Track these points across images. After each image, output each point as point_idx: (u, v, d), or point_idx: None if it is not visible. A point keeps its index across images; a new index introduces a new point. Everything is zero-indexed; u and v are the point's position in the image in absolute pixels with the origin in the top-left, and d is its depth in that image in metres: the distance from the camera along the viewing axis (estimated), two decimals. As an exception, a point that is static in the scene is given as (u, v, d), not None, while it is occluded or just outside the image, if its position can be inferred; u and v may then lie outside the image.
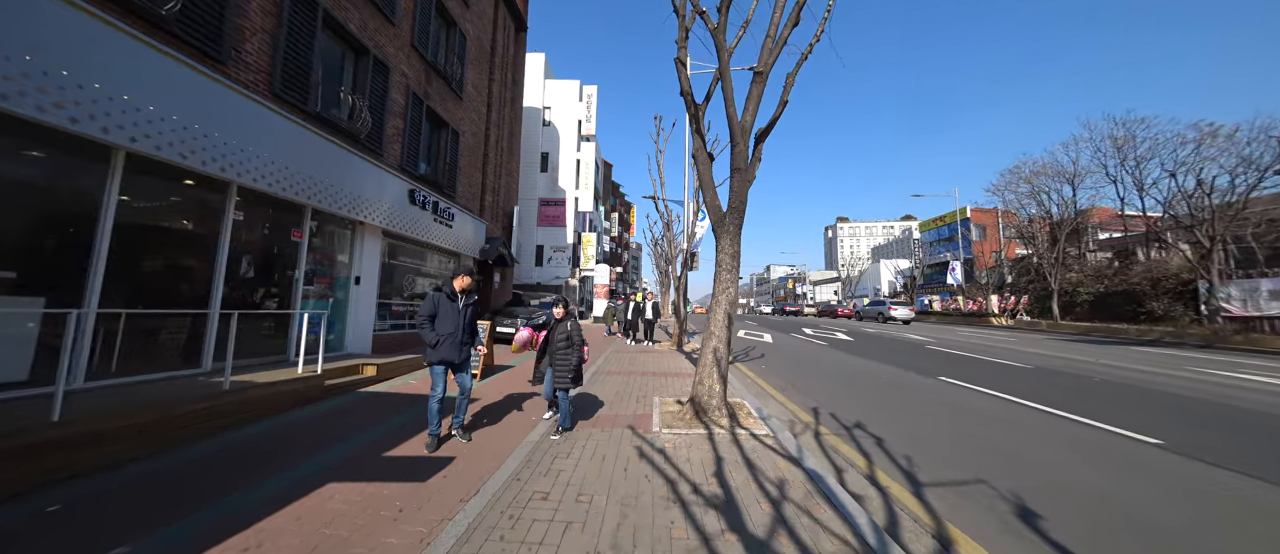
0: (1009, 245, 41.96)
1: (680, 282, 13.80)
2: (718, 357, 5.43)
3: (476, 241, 13.20)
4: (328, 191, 7.05)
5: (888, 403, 6.67)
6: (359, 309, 8.05)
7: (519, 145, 18.46)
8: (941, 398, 6.96)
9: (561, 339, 4.66)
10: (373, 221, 8.20)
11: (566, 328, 4.69)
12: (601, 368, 8.84)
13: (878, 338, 17.29)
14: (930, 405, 6.49)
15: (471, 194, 13.36)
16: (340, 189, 7.34)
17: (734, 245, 5.65)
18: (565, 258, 24.12)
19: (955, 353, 12.43)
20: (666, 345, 13.23)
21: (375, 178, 8.31)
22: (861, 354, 12.15)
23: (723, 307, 5.58)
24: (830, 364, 10.46)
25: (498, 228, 15.67)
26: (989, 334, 20.55)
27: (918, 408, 6.34)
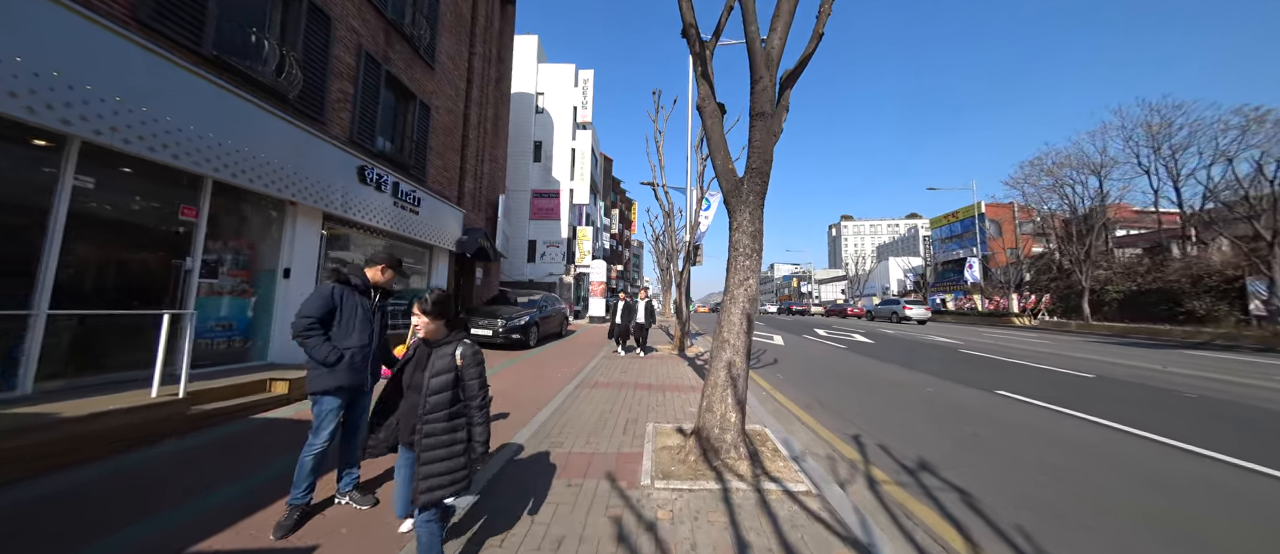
0: (1026, 242, 40.28)
1: (682, 278, 12.30)
2: (733, 374, 3.93)
3: (452, 232, 11.73)
4: (238, 161, 5.58)
5: (947, 428, 5.16)
6: (290, 309, 6.58)
7: (506, 129, 16.99)
8: (1013, 421, 5.44)
9: (435, 390, 2.02)
10: (308, 202, 6.73)
11: (451, 360, 2.09)
12: (587, 378, 7.36)
13: (899, 340, 15.73)
14: (1007, 432, 4.96)
15: (447, 179, 11.89)
16: (258, 159, 5.87)
17: (755, 221, 4.14)
18: (559, 253, 22.65)
19: (994, 358, 10.89)
20: (667, 349, 11.73)
21: (313, 150, 6.84)
22: (887, 359, 10.62)
23: (740, 304, 4.07)
24: (855, 372, 8.94)
25: (480, 218, 14.19)
26: (1017, 336, 18.95)
27: (994, 437, 4.81)
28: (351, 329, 2.83)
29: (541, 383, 6.98)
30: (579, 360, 9.31)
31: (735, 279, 4.13)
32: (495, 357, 9.36)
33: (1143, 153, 25.24)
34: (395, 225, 8.96)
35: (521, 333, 10.50)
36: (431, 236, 10.54)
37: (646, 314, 10.61)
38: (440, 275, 11.55)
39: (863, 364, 10.01)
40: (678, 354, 10.96)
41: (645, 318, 10.54)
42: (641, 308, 10.60)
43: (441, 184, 11.58)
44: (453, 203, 12.03)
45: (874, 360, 10.54)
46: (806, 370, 9.23)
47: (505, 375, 7.45)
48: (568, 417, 5.14)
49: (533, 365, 8.56)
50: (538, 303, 12.34)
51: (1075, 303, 28.60)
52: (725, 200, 4.39)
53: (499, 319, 10.46)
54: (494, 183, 15.47)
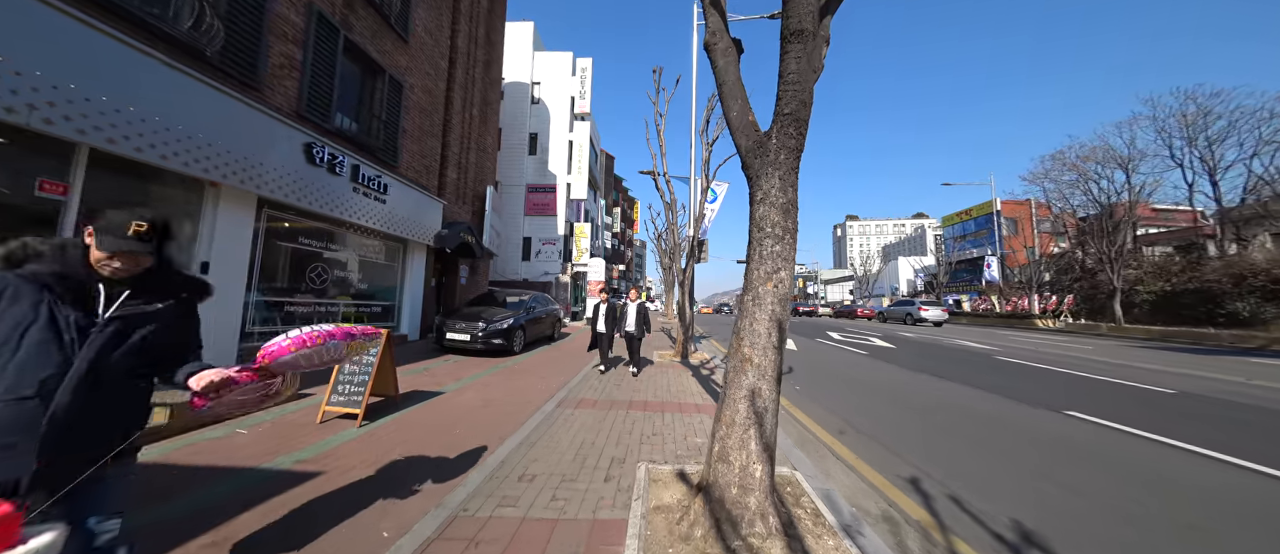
0: (1044, 240, 38.70)
1: (686, 276, 11.08)
2: (759, 408, 2.72)
3: (430, 225, 10.58)
4: (126, 124, 4.44)
5: (1029, 466, 3.93)
6: (209, 311, 5.43)
7: (496, 118, 15.84)
8: (1112, 455, 4.19)
9: None
10: (235, 183, 5.59)
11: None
12: (572, 394, 6.16)
13: (923, 344, 14.42)
14: (1112, 473, 3.72)
15: (424, 166, 10.74)
16: (157, 125, 4.73)
17: (787, 189, 2.94)
18: (556, 251, 21.48)
19: (1041, 368, 9.60)
20: (668, 355, 10.52)
21: (244, 122, 5.71)
22: (917, 367, 9.35)
23: (768, 307, 2.86)
24: (885, 384, 7.69)
25: (465, 211, 13.05)
26: (1048, 339, 17.58)
27: (1098, 482, 3.57)
28: (21, 355, 1.24)
29: (517, 399, 5.80)
30: (568, 370, 8.12)
31: (760, 271, 2.92)
32: (473, 365, 8.20)
33: (1176, 144, 23.83)
34: (356, 214, 7.81)
35: (504, 337, 9.33)
36: (404, 229, 9.39)
37: (639, 321, 7.93)
38: (416, 273, 10.41)
39: (891, 375, 8.75)
40: (680, 362, 9.75)
41: (637, 326, 7.93)
42: (632, 312, 7.97)
43: (418, 172, 10.44)
44: (431, 193, 10.88)
45: (902, 369, 9.28)
46: (829, 382, 7.98)
47: (476, 389, 6.27)
48: (536, 452, 3.95)
49: (513, 376, 7.38)
50: (526, 303, 11.16)
51: (1102, 304, 27.13)
52: (744, 164, 3.18)
53: (480, 322, 9.28)
54: (481, 173, 14.33)
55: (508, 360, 8.97)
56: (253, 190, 5.83)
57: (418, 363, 7.91)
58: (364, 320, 8.83)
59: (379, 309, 9.25)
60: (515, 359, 9.17)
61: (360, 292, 8.71)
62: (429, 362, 8.12)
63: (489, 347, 9.17)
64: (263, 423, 4.42)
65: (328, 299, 7.84)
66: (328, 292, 7.84)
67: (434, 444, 4.09)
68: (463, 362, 8.45)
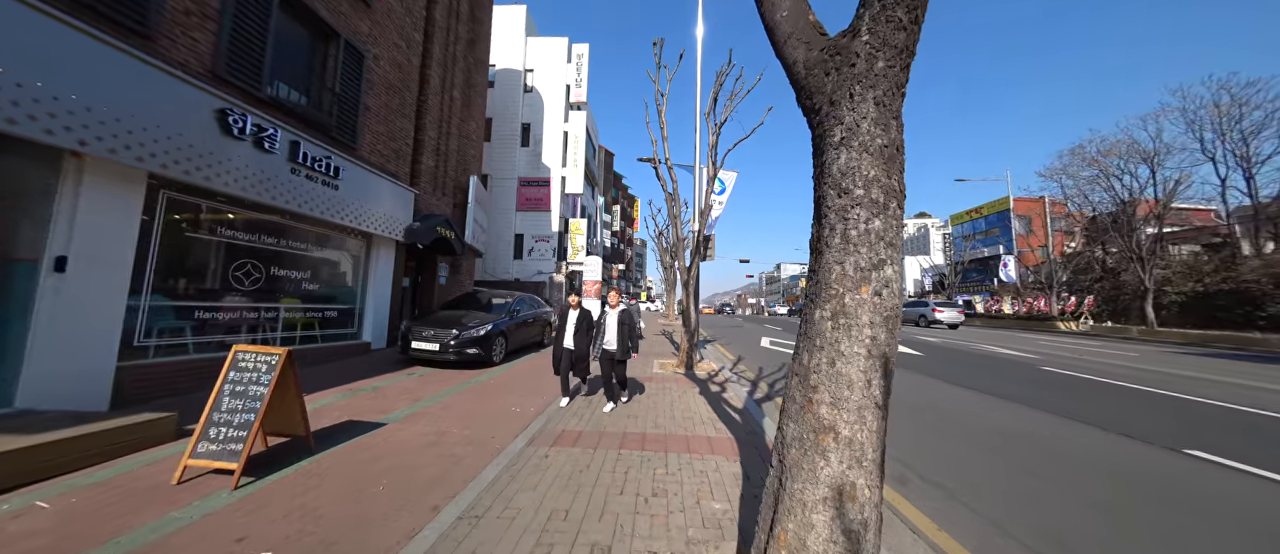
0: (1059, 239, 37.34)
1: (690, 275, 9.78)
2: (850, 526, 1.42)
3: (398, 217, 9.28)
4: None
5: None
6: (64, 321, 4.13)
7: (482, 103, 14.53)
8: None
9: None
10: (111, 154, 4.29)
11: None
12: (547, 427, 4.86)
13: (950, 351, 13.12)
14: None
15: (393, 151, 9.44)
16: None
17: (889, 126, 1.63)
18: (549, 249, 20.19)
19: (1098, 381, 8.31)
20: (671, 365, 9.23)
21: (127, 78, 4.42)
22: (955, 380, 8.05)
23: (865, 331, 1.55)
24: (932, 407, 6.38)
25: (445, 203, 11.75)
26: (1079, 345, 16.27)
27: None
28: None
29: (479, 433, 4.51)
30: (552, 386, 6.83)
31: (847, 265, 1.61)
32: (440, 380, 6.91)
33: (1208, 137, 22.49)
34: (296, 201, 6.51)
35: (480, 346, 8.04)
36: (363, 220, 8.08)
37: (622, 335, 5.52)
38: (382, 272, 9.10)
39: (931, 392, 7.44)
40: (684, 373, 8.46)
41: (619, 342, 5.50)
42: (612, 322, 5.57)
43: (384, 156, 9.14)
44: (401, 181, 9.58)
45: (941, 384, 7.97)
46: (863, 402, 6.69)
47: (431, 416, 4.98)
48: (482, 536, 2.65)
49: (484, 396, 6.09)
50: (510, 306, 9.85)
51: (1126, 305, 25.82)
52: (805, 90, 1.88)
53: (452, 328, 7.98)
54: (464, 162, 13.03)
55: (483, 373, 7.68)
56: (138, 164, 4.53)
57: (371, 379, 6.61)
58: (315, 328, 7.54)
59: (335, 314, 7.96)
60: (493, 372, 7.88)
61: (310, 293, 7.41)
62: (385, 377, 6.82)
63: (462, 357, 7.87)
64: (88, 485, 3.12)
65: (265, 303, 6.54)
66: (265, 293, 6.53)
67: (334, 519, 2.79)
68: (428, 376, 7.16)
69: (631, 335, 5.66)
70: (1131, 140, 26.26)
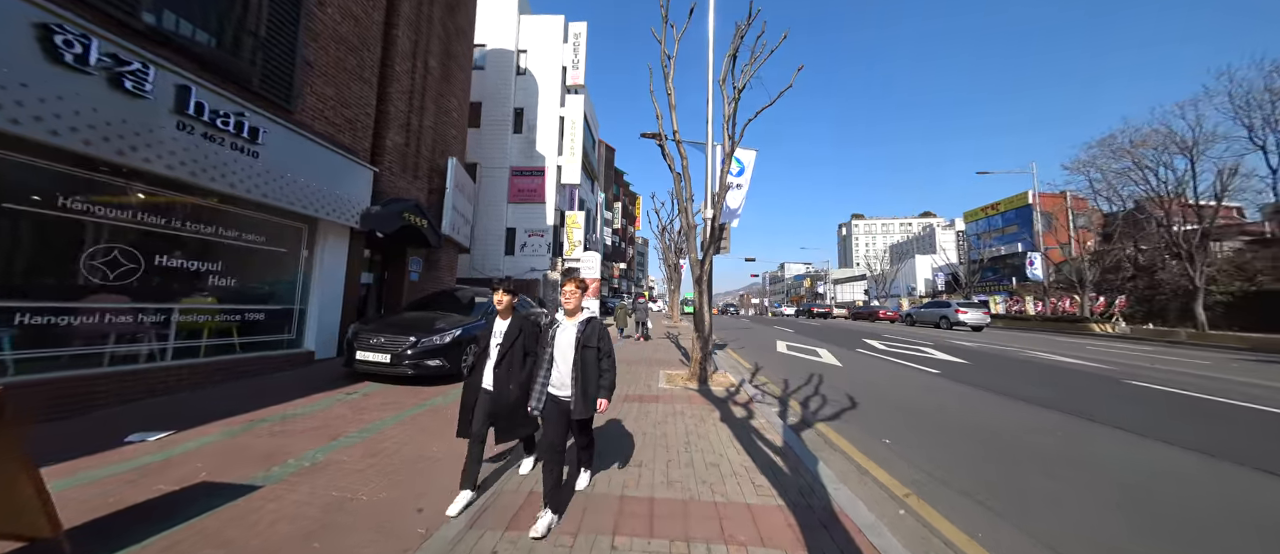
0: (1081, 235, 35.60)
1: (703, 270, 8.17)
2: None
3: (353, 200, 7.71)
4: None
5: None
6: None
7: (465, 77, 12.96)
8: None
9: None
10: None
11: None
12: (503, 493, 3.26)
13: (1000, 360, 11.48)
14: None
15: (346, 120, 7.87)
16: None
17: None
18: (543, 244, 18.62)
19: (1206, 399, 6.67)
20: (680, 378, 7.63)
21: None
22: (1035, 400, 6.41)
23: None
24: (1025, 439, 4.76)
25: (418, 188, 10.17)
26: (1129, 349, 14.60)
27: None
28: None
29: (400, 496, 2.94)
30: None
31: None
32: (389, 401, 5.34)
33: (1258, 125, 20.75)
34: (179, 166, 4.89)
35: (445, 356, 6.45)
36: (299, 199, 6.50)
37: (585, 371, 2.78)
38: (331, 265, 7.52)
39: (1011, 416, 5.80)
40: (697, 388, 6.86)
41: (580, 385, 2.77)
42: (565, 342, 2.83)
43: (334, 126, 7.56)
44: (357, 157, 8.00)
45: (1017, 404, 6.33)
46: (925, 428, 5.07)
47: (347, 463, 3.41)
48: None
49: (436, 426, 4.51)
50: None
51: (1163, 305, 24.14)
52: None
53: (409, 335, 6.38)
54: (442, 142, 11.46)
55: (445, 392, 6.09)
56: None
57: (290, 404, 5.03)
58: (232, 334, 5.96)
59: (261, 317, 6.37)
60: (455, 391, 6.29)
61: (226, 291, 5.83)
62: (311, 400, 5.24)
63: (421, 371, 6.28)
64: None
65: (152, 304, 4.97)
66: (151, 291, 4.96)
67: None
68: (373, 397, 5.58)
69: (600, 360, 2.85)
70: (1168, 130, 24.57)
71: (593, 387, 2.80)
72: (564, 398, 2.84)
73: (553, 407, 2.85)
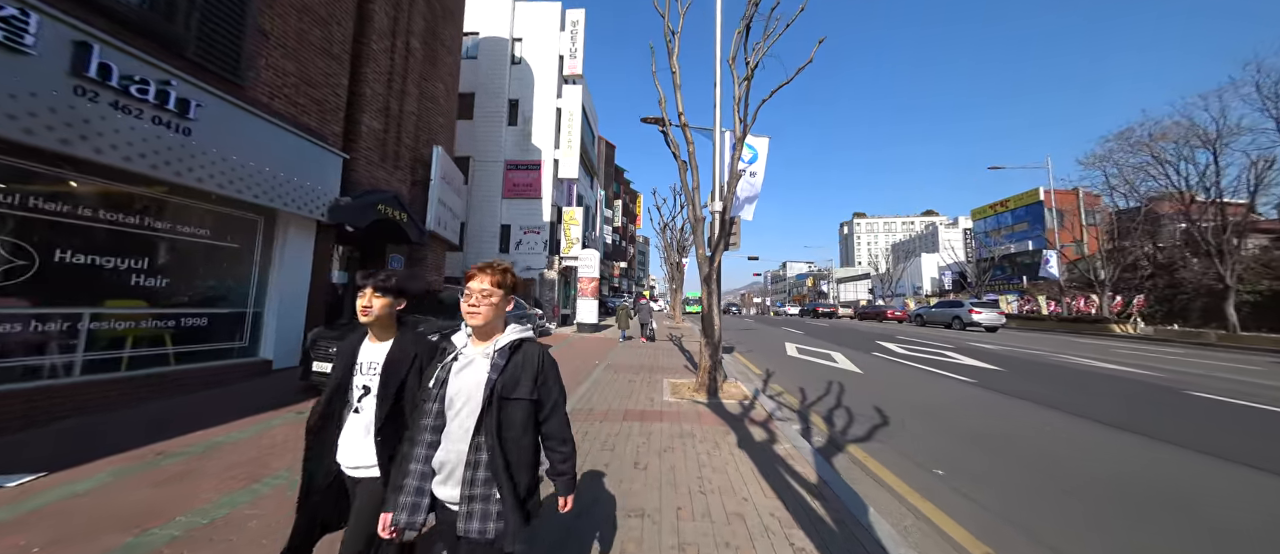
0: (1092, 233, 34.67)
1: (712, 268, 7.30)
2: None
3: (318, 188, 6.85)
4: None
5: None
6: None
7: (452, 60, 12.11)
8: None
9: None
10: None
11: None
12: None
13: (1034, 366, 10.62)
14: None
15: (312, 101, 7.02)
16: None
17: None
18: (540, 241, 17.77)
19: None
20: (687, 388, 6.76)
21: None
22: (1089, 414, 5.54)
23: None
24: (1097, 469, 3.90)
25: (399, 179, 9.33)
26: (1162, 352, 13.72)
27: None
28: None
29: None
30: None
31: None
32: None
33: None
34: (82, 143, 4.03)
35: (418, 368, 5.62)
36: (247, 188, 5.64)
37: (497, 447, 1.34)
38: (293, 263, 6.67)
39: (1069, 436, 4.94)
40: (706, 402, 6.00)
41: (481, 500, 1.33)
42: (463, 390, 1.41)
43: (297, 106, 6.71)
44: (324, 142, 7.15)
45: (1072, 420, 5.47)
46: (976, 454, 4.20)
47: (264, 511, 2.56)
48: None
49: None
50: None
51: (1185, 305, 23.25)
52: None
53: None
54: (427, 130, 10.60)
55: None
56: None
57: (223, 427, 4.18)
58: (165, 343, 5.11)
59: (204, 321, 5.52)
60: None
61: (156, 292, 4.99)
62: (251, 420, 4.39)
63: (388, 385, 5.44)
64: None
65: (48, 309, 4.12)
66: (52, 292, 4.11)
67: None
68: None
69: (540, 447, 1.53)
70: (1190, 123, 23.64)
71: (522, 484, 1.39)
72: (453, 506, 1.38)
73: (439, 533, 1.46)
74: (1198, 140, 23.25)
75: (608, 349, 11.57)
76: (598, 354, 10.50)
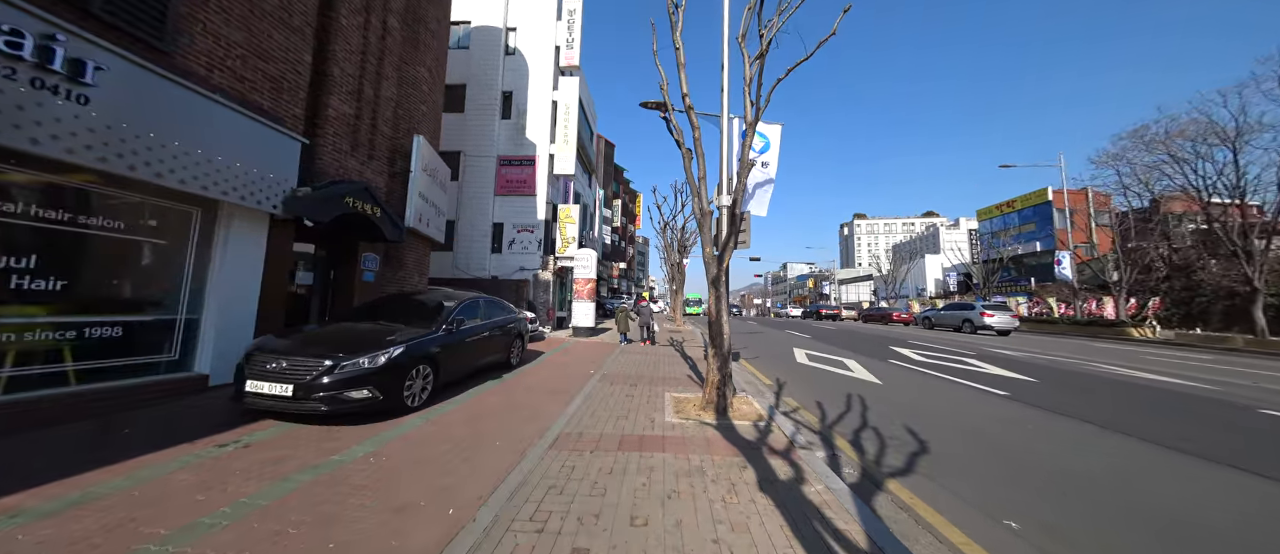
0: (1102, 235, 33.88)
1: (721, 268, 6.43)
2: None
3: (269, 176, 5.98)
4: None
5: None
6: None
7: (438, 45, 11.25)
8: None
9: None
10: None
11: None
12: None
13: (1062, 373, 9.78)
14: None
15: (265, 76, 6.15)
16: None
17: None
18: (534, 240, 16.91)
19: None
20: (692, 405, 5.88)
21: None
22: (1170, 442, 4.70)
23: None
24: (1212, 513, 3.06)
25: (375, 171, 8.47)
26: (1195, 359, 12.90)
27: None
28: None
29: None
30: (491, 467, 3.56)
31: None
32: (284, 453, 3.65)
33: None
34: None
35: (377, 384, 4.73)
36: (172, 173, 4.78)
37: None
38: (239, 261, 5.79)
39: (1154, 471, 4.09)
40: (715, 423, 5.14)
41: None
42: None
43: (246, 82, 5.85)
44: (278, 124, 6.28)
45: (1148, 448, 4.62)
46: (1046, 496, 3.35)
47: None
48: None
49: (322, 510, 2.82)
50: (450, 312, 6.50)
51: (1203, 308, 22.45)
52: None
53: (324, 357, 4.66)
54: (408, 118, 9.73)
55: (379, 433, 4.37)
56: None
57: (116, 467, 3.32)
58: (65, 358, 4.24)
59: (118, 331, 4.64)
60: (397, 428, 4.57)
61: (49, 297, 4.13)
62: (160, 457, 3.51)
63: (338, 406, 4.56)
64: None
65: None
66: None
67: None
68: (257, 449, 3.87)
69: None
70: (1208, 120, 22.87)
71: None
72: None
73: None
74: (1216, 138, 22.52)
75: (605, 355, 10.72)
76: (594, 361, 9.65)
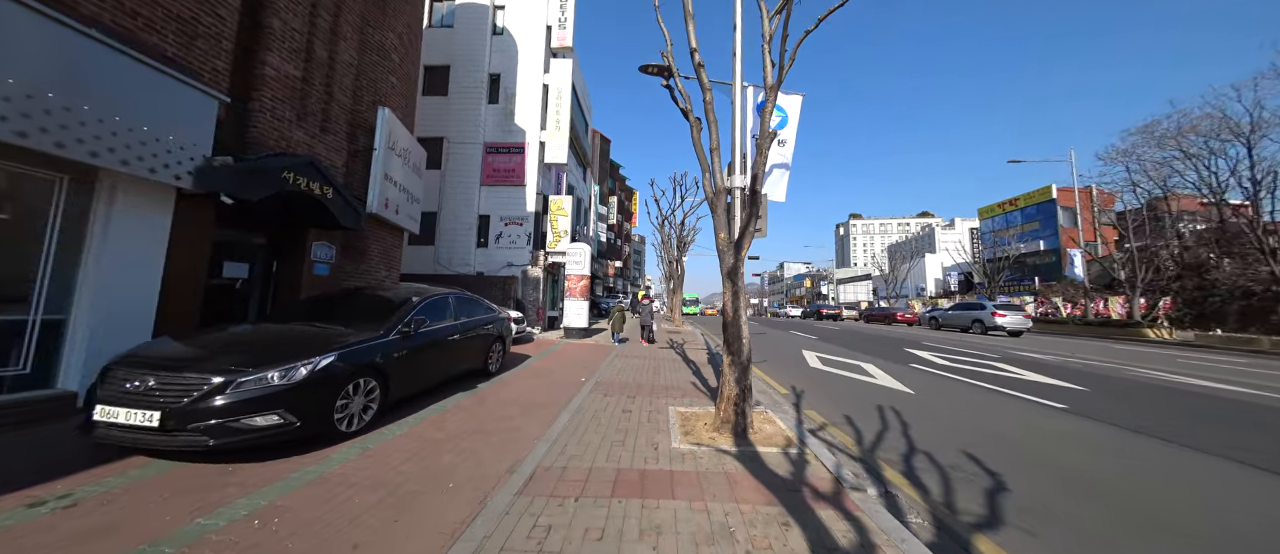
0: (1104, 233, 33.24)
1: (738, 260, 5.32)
2: None
3: (172, 138, 4.78)
4: None
5: None
6: None
7: (409, 10, 10.04)
8: None
9: None
10: None
11: None
12: None
13: (1107, 379, 8.79)
14: None
15: (170, 17, 4.94)
16: None
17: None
18: (523, 234, 15.73)
19: None
20: (705, 427, 4.75)
21: None
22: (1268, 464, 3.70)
23: None
24: None
25: (331, 147, 7.27)
26: (1227, 362, 12.02)
27: None
28: None
29: None
30: (441, 522, 2.44)
31: None
32: (135, 514, 2.51)
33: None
34: None
35: (285, 406, 3.59)
36: (14, 126, 3.60)
37: None
38: (128, 247, 4.61)
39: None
40: (733, 452, 4.02)
41: None
42: None
43: (135, 16, 4.64)
44: (187, 75, 5.07)
45: (1271, 478, 3.58)
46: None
47: None
48: None
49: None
50: (413, 309, 5.34)
51: (1218, 308, 21.71)
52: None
53: (212, 374, 3.49)
54: (372, 89, 8.52)
55: (261, 487, 3.20)
56: None
57: None
58: None
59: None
60: (300, 475, 3.40)
61: None
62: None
63: (226, 438, 3.39)
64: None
65: None
66: None
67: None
68: (98, 504, 2.71)
69: None
70: (1222, 115, 22.17)
71: None
72: None
73: None
74: (1229, 133, 21.83)
75: (598, 359, 9.59)
76: (586, 366, 8.53)
